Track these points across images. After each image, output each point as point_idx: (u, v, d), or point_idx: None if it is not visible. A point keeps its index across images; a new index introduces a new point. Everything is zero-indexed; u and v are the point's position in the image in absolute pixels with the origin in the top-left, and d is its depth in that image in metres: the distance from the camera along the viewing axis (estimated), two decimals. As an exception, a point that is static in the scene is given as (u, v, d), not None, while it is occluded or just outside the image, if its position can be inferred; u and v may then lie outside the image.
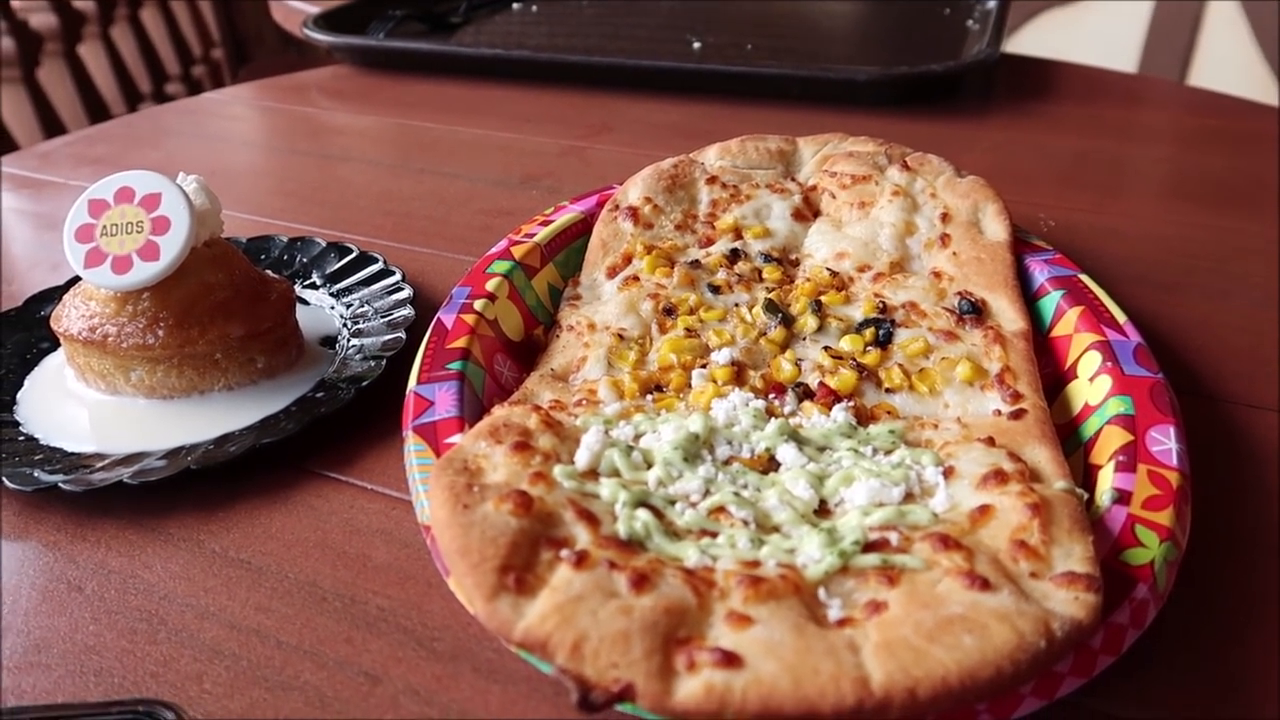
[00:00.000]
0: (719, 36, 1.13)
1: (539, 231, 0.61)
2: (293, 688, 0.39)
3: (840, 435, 0.44)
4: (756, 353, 0.51)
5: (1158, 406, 0.44)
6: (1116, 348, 0.48)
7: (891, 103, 0.95)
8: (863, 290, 0.54)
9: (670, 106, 0.97)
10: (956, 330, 0.51)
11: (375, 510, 0.48)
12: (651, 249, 0.58)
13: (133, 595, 0.44)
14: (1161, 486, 0.39)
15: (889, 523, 0.37)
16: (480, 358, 0.52)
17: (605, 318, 0.54)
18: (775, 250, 0.59)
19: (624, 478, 0.41)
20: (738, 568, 0.35)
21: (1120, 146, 0.91)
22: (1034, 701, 0.32)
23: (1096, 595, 0.32)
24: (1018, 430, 0.43)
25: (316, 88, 1.13)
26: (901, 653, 0.30)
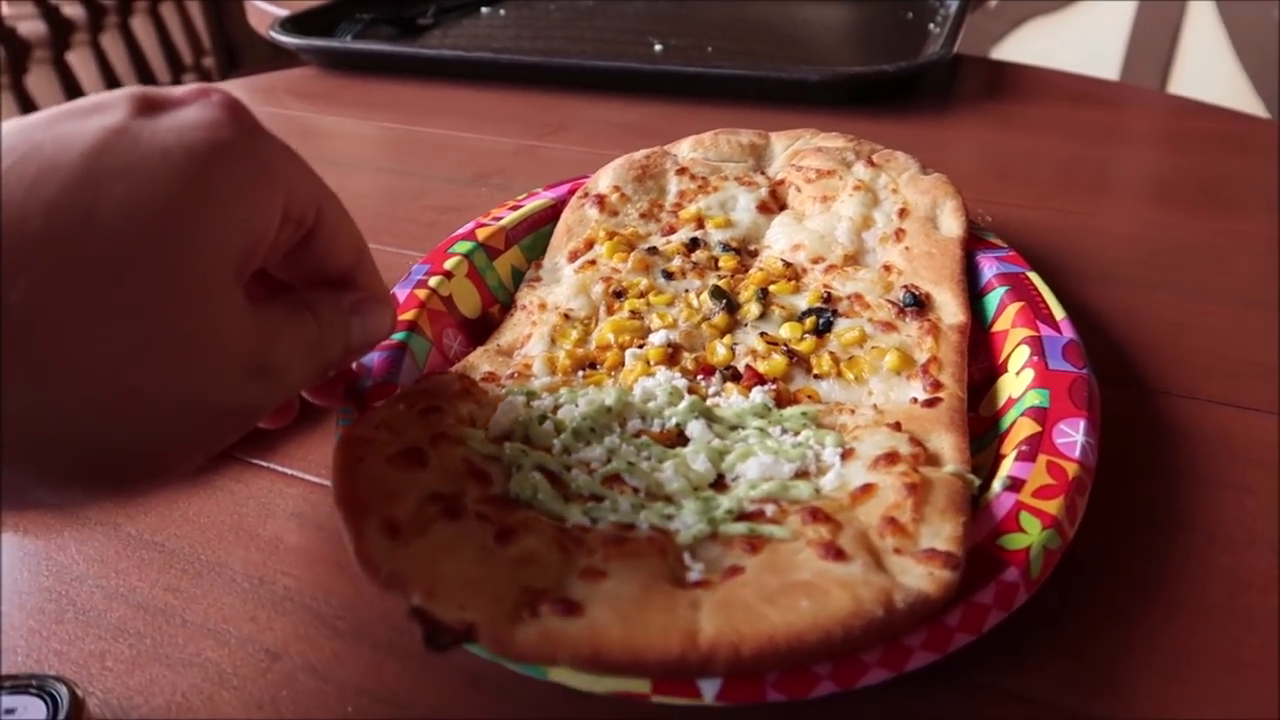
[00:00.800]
0: (682, 39, 1.14)
1: (506, 216, 0.63)
2: (193, 664, 0.40)
3: (753, 415, 0.45)
4: (696, 337, 0.52)
5: (1074, 400, 0.44)
6: (1047, 343, 0.48)
7: (846, 103, 0.96)
8: (814, 281, 0.55)
9: (628, 107, 0.98)
10: (895, 321, 0.51)
11: (293, 495, 0.49)
12: (613, 235, 0.59)
13: (44, 577, 0.45)
14: (1057, 476, 0.40)
15: (771, 495, 0.38)
16: (427, 330, 0.53)
17: (557, 298, 0.55)
18: (735, 240, 0.59)
19: (531, 444, 0.42)
20: (611, 529, 0.36)
21: (1087, 147, 0.92)
22: (881, 672, 0.33)
23: (952, 573, 0.33)
24: (928, 417, 0.44)
25: (284, 89, 1.14)
26: (736, 611, 0.31)
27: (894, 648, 0.33)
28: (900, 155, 0.64)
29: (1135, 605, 0.40)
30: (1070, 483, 0.39)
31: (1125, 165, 0.90)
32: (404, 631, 0.41)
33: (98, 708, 0.38)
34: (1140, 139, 0.99)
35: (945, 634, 0.33)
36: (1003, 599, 0.35)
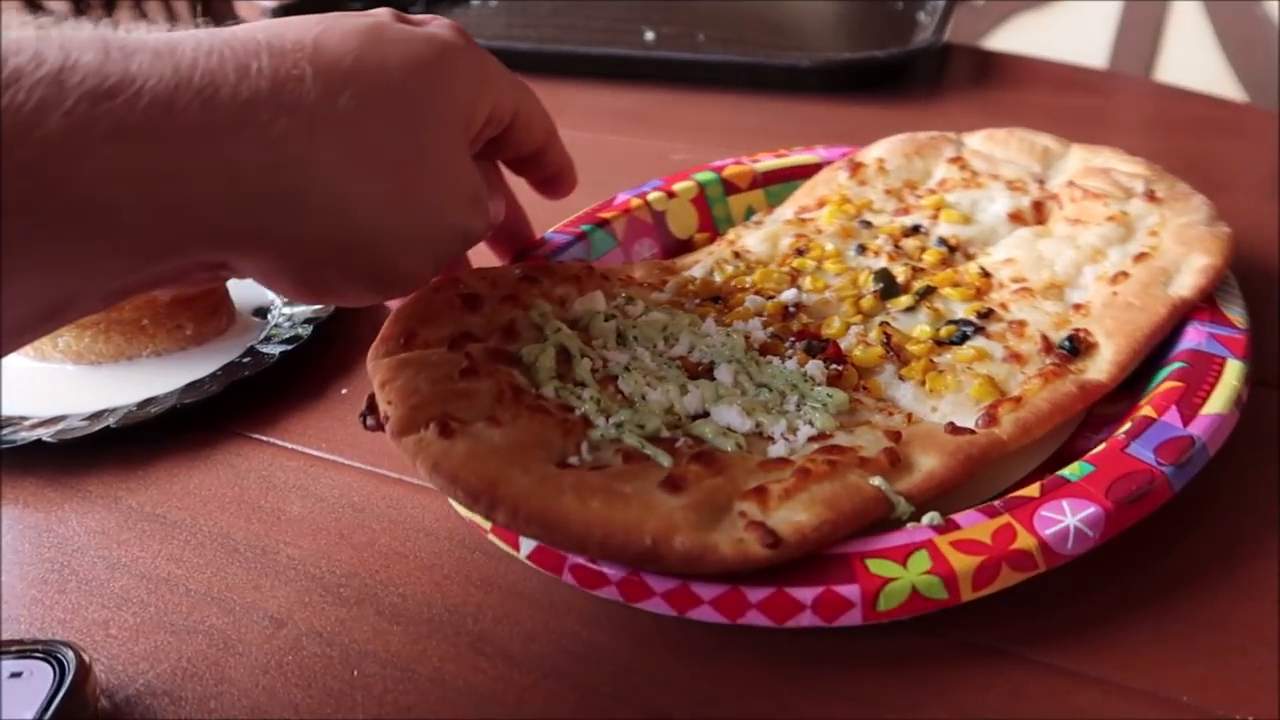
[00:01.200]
0: (673, 28, 1.14)
1: (765, 160, 0.65)
2: (198, 631, 0.40)
3: (787, 381, 0.45)
4: (827, 307, 0.51)
5: (1110, 489, 0.37)
6: (1151, 430, 0.40)
7: (837, 90, 0.97)
8: (997, 298, 0.51)
9: (620, 93, 0.99)
10: (1027, 355, 0.46)
11: (294, 468, 0.49)
12: (845, 201, 0.60)
13: (46, 549, 0.45)
14: (996, 542, 0.36)
15: (702, 436, 0.40)
16: (618, 232, 0.59)
17: (748, 240, 0.57)
18: (957, 239, 0.56)
19: (587, 334, 0.46)
20: (553, 404, 0.40)
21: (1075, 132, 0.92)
22: (661, 604, 0.35)
23: (763, 550, 0.34)
24: (938, 439, 0.40)
25: (274, 78, 1.13)
26: (552, 489, 0.35)
27: (681, 591, 0.35)
28: (1196, 199, 0.55)
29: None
30: (1002, 556, 0.35)
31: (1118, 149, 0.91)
32: (408, 598, 0.41)
33: (103, 673, 0.38)
34: (1127, 125, 1.00)
35: (739, 603, 0.34)
36: (824, 608, 0.34)
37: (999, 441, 0.41)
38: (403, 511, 0.46)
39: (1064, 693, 0.35)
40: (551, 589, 0.41)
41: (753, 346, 0.47)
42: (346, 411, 0.53)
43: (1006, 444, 0.41)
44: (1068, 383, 0.44)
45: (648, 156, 0.84)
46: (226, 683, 0.38)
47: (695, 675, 0.37)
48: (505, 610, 0.40)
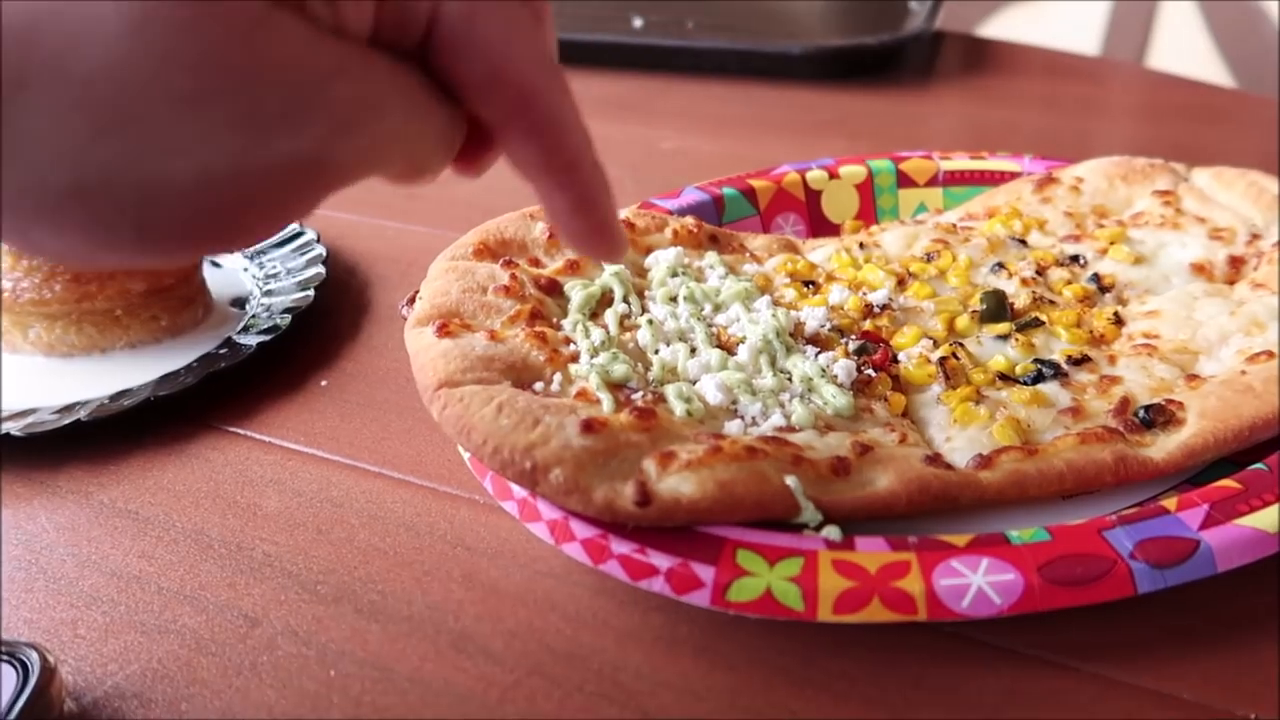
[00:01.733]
0: (662, 15, 1.13)
1: (956, 160, 0.63)
2: (170, 631, 0.39)
3: (804, 373, 0.43)
4: (914, 314, 0.49)
5: (1025, 555, 0.35)
6: (1153, 521, 0.36)
7: (829, 77, 0.96)
8: (1118, 348, 0.47)
9: (609, 81, 0.97)
10: (1091, 412, 0.42)
11: (270, 462, 0.48)
12: (1016, 214, 0.57)
13: (13, 546, 0.43)
14: (854, 574, 0.34)
15: (664, 395, 0.42)
16: (760, 201, 0.59)
17: (885, 236, 0.56)
18: (1113, 280, 0.52)
19: (640, 284, 0.49)
20: (560, 339, 0.44)
21: (1068, 120, 0.91)
22: (545, 532, 0.38)
23: (629, 502, 0.35)
24: (900, 463, 0.38)
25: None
26: (480, 396, 0.38)
27: (562, 524, 0.37)
28: None
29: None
30: (876, 589, 0.34)
31: (1105, 136, 0.90)
32: (388, 596, 0.40)
33: (70, 675, 0.37)
34: (1119, 111, 0.99)
35: (602, 550, 0.36)
36: (676, 579, 0.35)
37: (974, 484, 0.38)
38: (382, 506, 0.44)
39: (1062, 691, 0.34)
40: (534, 585, 0.40)
41: (798, 333, 0.46)
42: (326, 404, 0.52)
43: (987, 490, 0.38)
44: (1105, 450, 0.39)
45: (637, 145, 0.83)
46: (198, 684, 0.36)
47: (682, 672, 0.36)
48: (487, 608, 0.39)
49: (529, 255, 0.50)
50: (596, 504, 0.35)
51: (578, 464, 0.36)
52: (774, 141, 0.84)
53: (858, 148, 0.83)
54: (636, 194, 0.72)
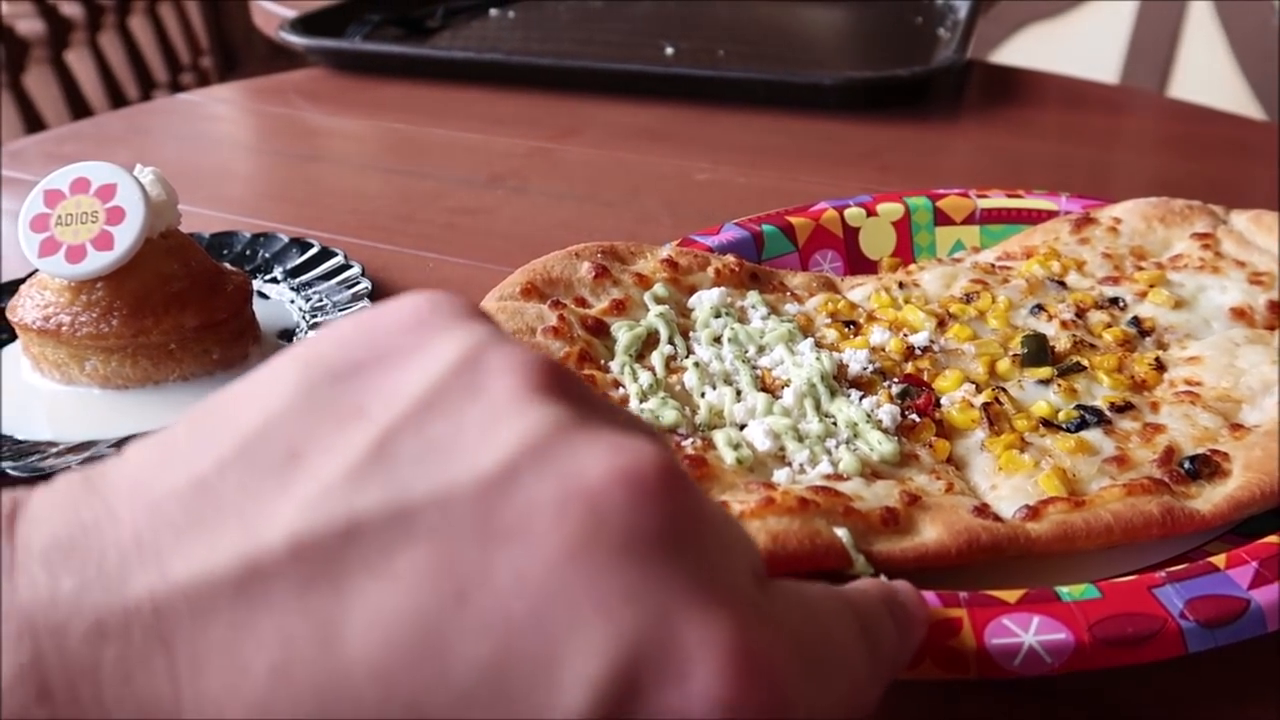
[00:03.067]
0: (693, 42, 1.14)
1: (993, 197, 0.63)
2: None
3: (849, 418, 0.44)
4: (956, 357, 0.49)
5: (1077, 614, 0.34)
6: (1204, 579, 0.36)
7: (859, 107, 0.96)
8: (1159, 395, 0.47)
9: (639, 110, 0.98)
10: (1136, 461, 0.42)
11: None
12: (1054, 255, 0.56)
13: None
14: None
15: (713, 441, 0.42)
16: (798, 238, 0.60)
17: (923, 275, 0.56)
18: (1153, 324, 0.51)
19: (684, 325, 0.50)
20: (608, 381, 0.45)
21: (1096, 153, 0.92)
22: None
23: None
24: (949, 514, 0.39)
25: (293, 89, 1.14)
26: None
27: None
28: None
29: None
30: (928, 649, 0.33)
31: (1135, 170, 0.91)
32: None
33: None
34: (1148, 144, 0.99)
35: None
36: None
37: (1023, 537, 0.38)
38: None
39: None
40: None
41: (841, 376, 0.47)
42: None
43: (1035, 543, 0.38)
44: (1152, 503, 0.39)
45: (672, 177, 0.84)
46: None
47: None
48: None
49: (575, 295, 0.51)
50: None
51: None
52: (806, 173, 0.85)
53: (889, 179, 0.84)
54: (674, 227, 0.74)
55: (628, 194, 0.81)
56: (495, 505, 0.19)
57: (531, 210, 0.80)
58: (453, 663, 0.18)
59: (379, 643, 0.18)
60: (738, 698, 0.19)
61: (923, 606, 0.32)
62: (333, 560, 0.18)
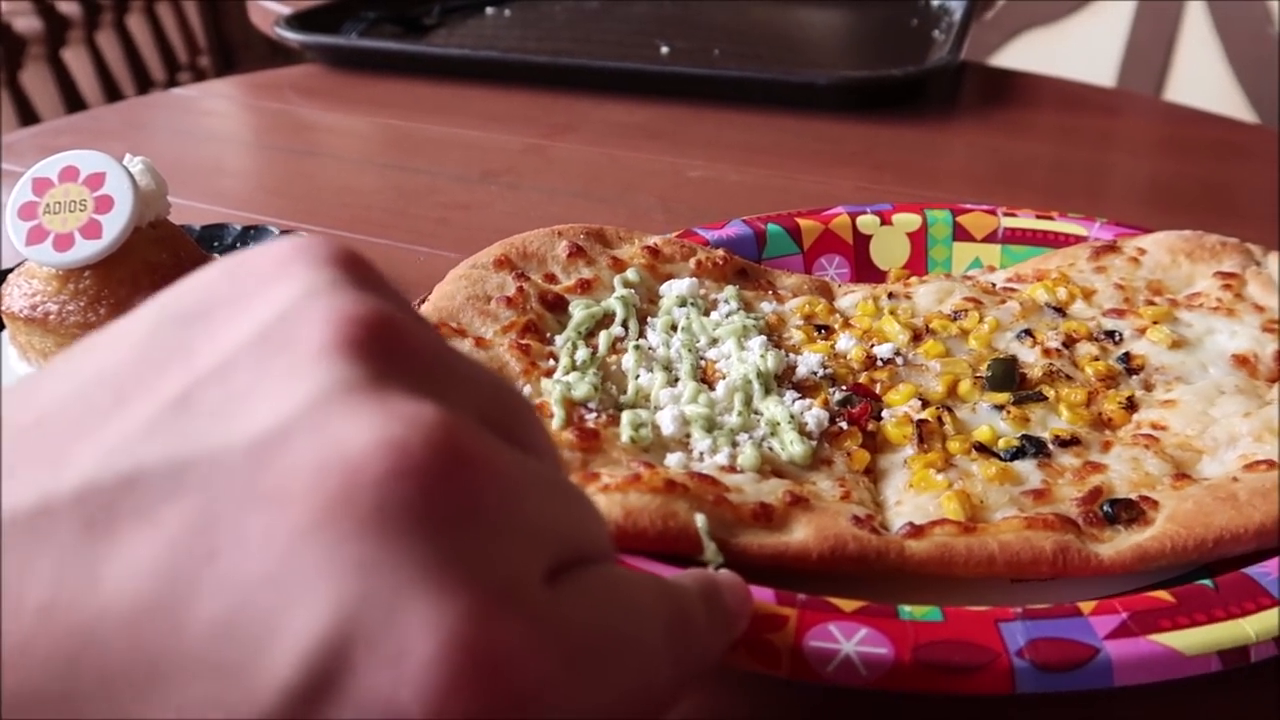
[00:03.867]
0: (689, 42, 1.14)
1: (1021, 217, 0.60)
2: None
3: (772, 416, 0.44)
4: (918, 372, 0.48)
5: (903, 631, 0.34)
6: (1059, 621, 0.35)
7: (853, 107, 0.97)
8: (1119, 435, 0.45)
9: (634, 108, 0.98)
10: (1057, 498, 0.41)
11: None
12: (1064, 279, 0.54)
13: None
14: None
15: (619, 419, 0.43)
16: (803, 241, 0.59)
17: (918, 289, 0.54)
18: (1144, 362, 0.49)
19: (651, 310, 0.51)
20: (545, 354, 0.46)
21: (1092, 155, 0.92)
22: None
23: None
24: (823, 519, 0.38)
25: (289, 85, 1.14)
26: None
27: None
28: None
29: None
30: (743, 639, 0.33)
31: (1128, 172, 0.91)
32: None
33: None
34: (1143, 146, 0.99)
35: None
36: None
37: (895, 553, 0.37)
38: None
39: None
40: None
41: (786, 377, 0.47)
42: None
43: (908, 561, 0.37)
44: (1048, 539, 0.38)
45: (665, 174, 0.84)
46: None
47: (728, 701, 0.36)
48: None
49: (546, 270, 0.51)
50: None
51: None
52: (799, 171, 0.85)
53: (882, 178, 0.84)
54: (666, 223, 0.74)
55: (621, 190, 0.81)
56: (263, 465, 0.18)
57: (524, 206, 0.80)
58: (188, 621, 0.17)
59: (130, 592, 0.17)
60: (452, 688, 0.18)
61: (746, 601, 0.31)
62: (111, 506, 0.18)
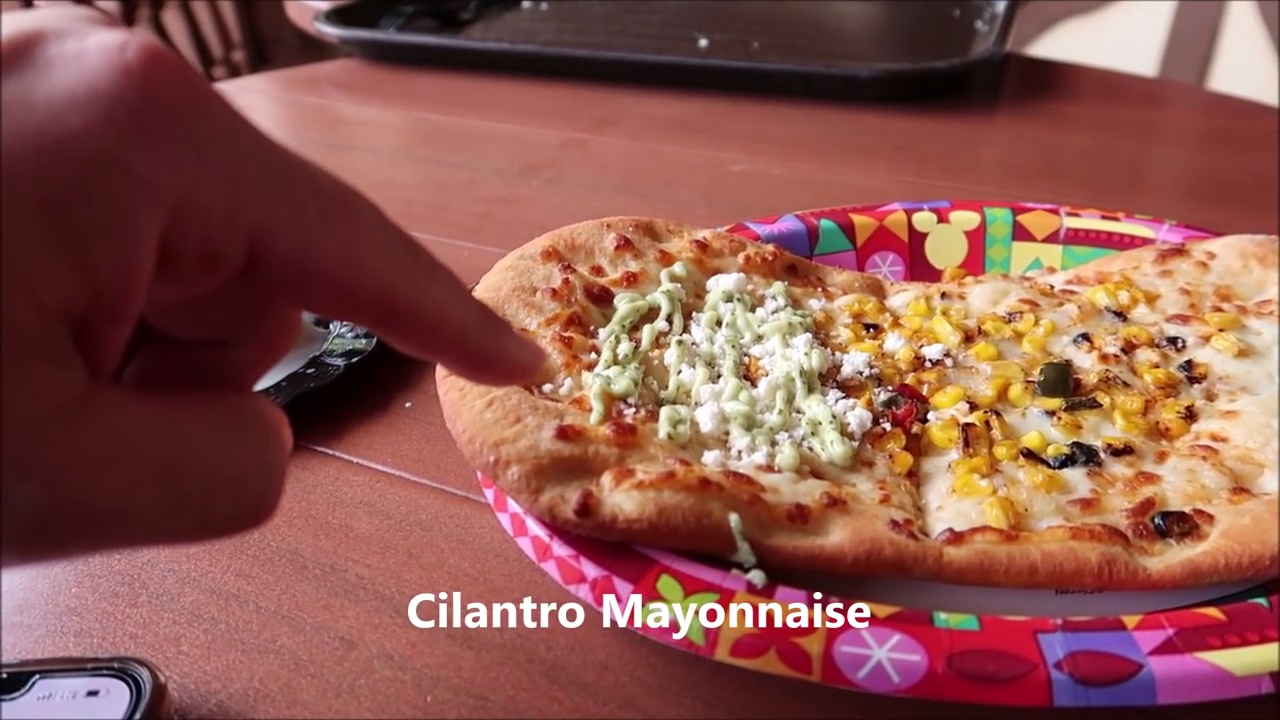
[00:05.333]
0: (726, 34, 1.13)
1: (1085, 217, 0.58)
2: (269, 651, 0.40)
3: (814, 416, 0.43)
4: (970, 375, 0.47)
5: (938, 641, 0.33)
6: (1100, 635, 0.34)
7: (896, 100, 0.95)
8: (1174, 446, 0.43)
9: (674, 101, 0.98)
10: (1106, 509, 0.39)
11: (360, 483, 0.49)
12: (1127, 282, 0.52)
13: (116, 560, 0.45)
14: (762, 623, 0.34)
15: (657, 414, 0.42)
16: (856, 237, 0.58)
17: (973, 289, 0.53)
18: (1207, 370, 0.47)
19: (697, 305, 0.50)
20: (587, 346, 0.45)
21: (1135, 146, 0.90)
22: (507, 521, 0.40)
23: (570, 510, 0.36)
24: (860, 522, 0.38)
25: (327, 80, 1.14)
26: (475, 390, 0.40)
27: (517, 518, 0.39)
28: None
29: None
30: (775, 641, 0.33)
31: (1173, 164, 0.89)
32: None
33: (176, 691, 0.38)
34: (1188, 138, 0.97)
35: (544, 549, 0.38)
36: (598, 589, 0.36)
37: (933, 559, 0.36)
38: (470, 531, 0.45)
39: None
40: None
41: (831, 375, 0.46)
42: (411, 426, 0.53)
43: (946, 567, 0.36)
44: (1094, 550, 0.36)
45: (707, 167, 0.84)
46: (299, 705, 0.37)
47: (775, 708, 0.36)
48: (577, 638, 0.39)
49: (593, 263, 0.51)
50: (541, 506, 0.37)
51: (538, 466, 0.37)
52: (842, 165, 0.84)
53: (925, 171, 0.83)
54: (709, 217, 0.73)
55: (662, 185, 0.81)
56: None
57: (566, 200, 0.79)
58: None
59: None
60: (133, 61, 0.19)
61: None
62: None
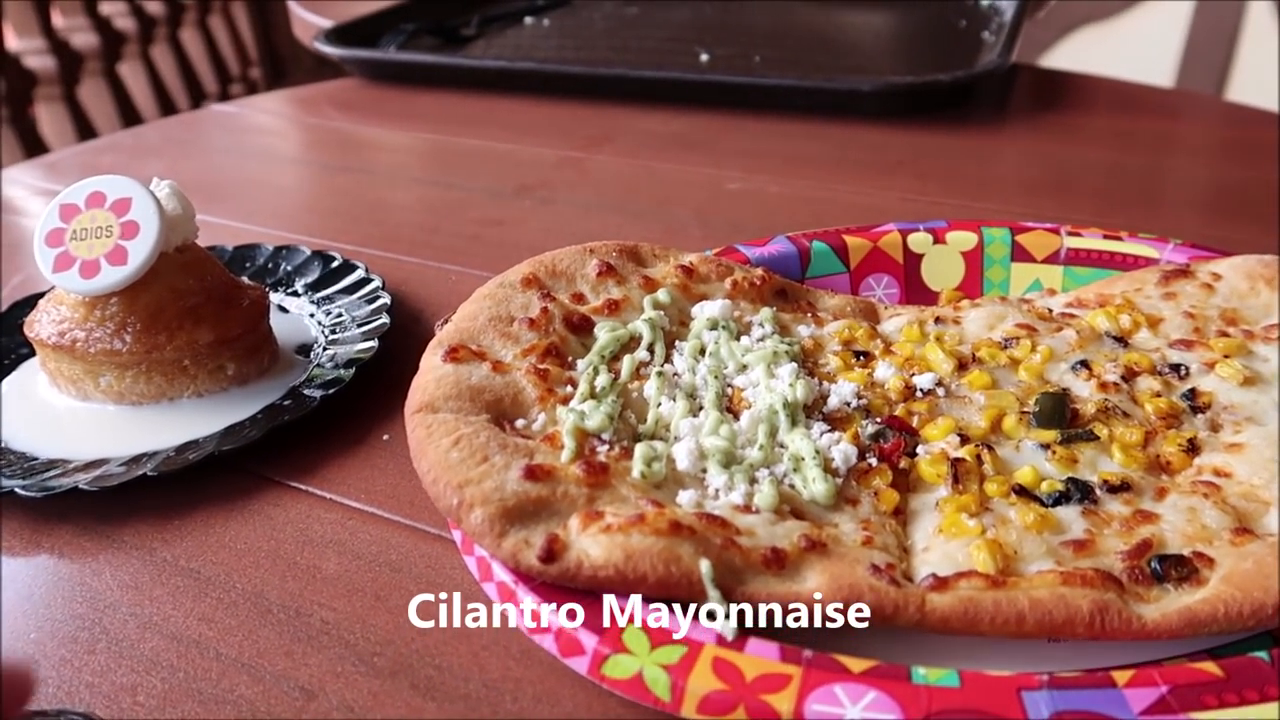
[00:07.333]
0: (728, 49, 1.12)
1: (1086, 237, 0.56)
2: (226, 701, 0.38)
3: (797, 451, 0.42)
4: (959, 403, 0.45)
5: (917, 697, 0.32)
6: (1089, 693, 0.32)
7: (899, 113, 0.94)
8: (1177, 482, 0.41)
9: (672, 117, 0.96)
10: (1101, 550, 0.37)
11: (331, 520, 0.47)
12: (1129, 305, 0.50)
13: (78, 604, 0.44)
14: (731, 679, 0.33)
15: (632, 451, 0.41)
16: (851, 258, 0.56)
17: (968, 313, 0.51)
18: (1211, 399, 0.44)
19: (681, 333, 0.49)
20: (564, 379, 0.44)
21: (1150, 160, 0.88)
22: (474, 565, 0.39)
23: (534, 556, 0.35)
24: (839, 567, 0.36)
25: (326, 100, 1.14)
26: (442, 427, 0.40)
27: (483, 561, 0.38)
28: None
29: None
30: (744, 698, 0.32)
31: (1189, 177, 0.87)
32: (445, 671, 0.39)
33: (128, 746, 0.37)
34: (1205, 150, 0.95)
35: (511, 594, 0.37)
36: (563, 639, 0.35)
37: (915, 607, 0.35)
38: (440, 573, 0.44)
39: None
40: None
41: (816, 407, 0.45)
42: (387, 460, 0.51)
43: (929, 615, 0.34)
44: (1085, 597, 0.34)
45: (702, 186, 0.82)
46: (254, 760, 0.36)
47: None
48: (545, 688, 0.38)
49: (575, 289, 0.50)
50: (504, 551, 0.36)
51: (503, 508, 0.36)
52: (842, 182, 0.82)
53: (929, 187, 0.81)
54: (701, 238, 0.71)
55: (657, 204, 0.79)
56: None
57: (557, 221, 0.78)
58: None
59: None
60: None
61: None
62: None
